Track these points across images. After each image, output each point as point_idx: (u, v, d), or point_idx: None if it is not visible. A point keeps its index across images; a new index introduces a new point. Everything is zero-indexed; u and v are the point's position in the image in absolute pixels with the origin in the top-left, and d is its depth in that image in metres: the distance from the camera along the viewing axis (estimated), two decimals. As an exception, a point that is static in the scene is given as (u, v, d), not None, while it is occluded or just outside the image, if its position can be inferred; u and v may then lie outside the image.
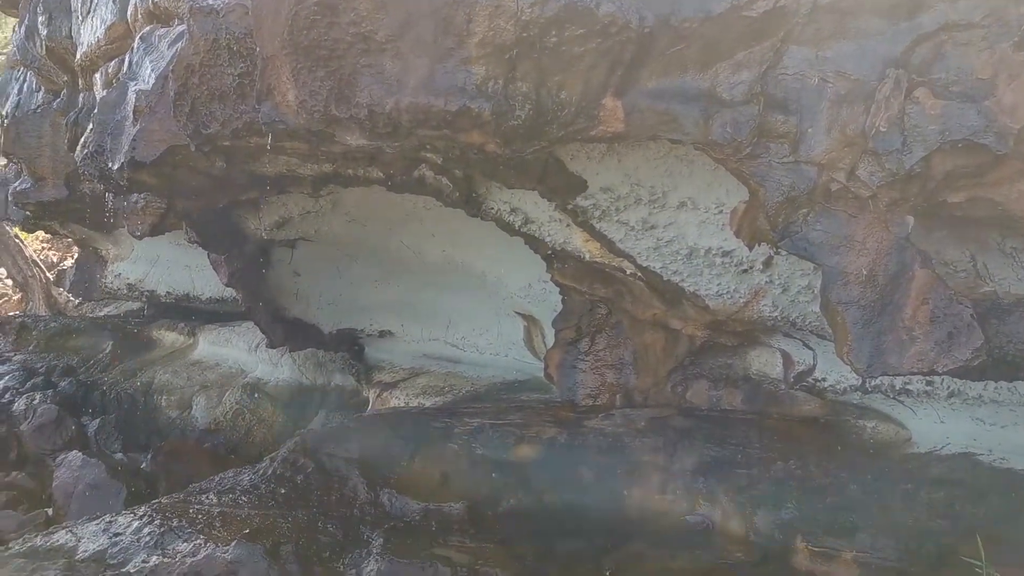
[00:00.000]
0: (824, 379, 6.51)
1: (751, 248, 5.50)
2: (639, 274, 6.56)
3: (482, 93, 4.80)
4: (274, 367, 11.36)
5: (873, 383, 6.21)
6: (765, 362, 6.88)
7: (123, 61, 7.63)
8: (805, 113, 4.65)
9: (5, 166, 14.96)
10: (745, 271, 6.06)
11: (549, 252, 6.98)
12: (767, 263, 5.92)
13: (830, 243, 4.77)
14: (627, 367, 7.18)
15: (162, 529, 5.54)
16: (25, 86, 12.36)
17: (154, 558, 5.23)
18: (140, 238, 9.19)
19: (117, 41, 8.33)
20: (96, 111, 7.22)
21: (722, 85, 4.76)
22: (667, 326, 6.90)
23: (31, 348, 13.91)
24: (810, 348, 6.55)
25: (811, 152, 4.65)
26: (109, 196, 8.84)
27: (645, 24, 4.60)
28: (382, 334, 10.33)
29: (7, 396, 11.83)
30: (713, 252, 6.05)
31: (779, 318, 6.25)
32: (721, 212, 5.76)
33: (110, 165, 6.77)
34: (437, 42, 4.79)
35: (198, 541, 5.31)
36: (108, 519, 5.90)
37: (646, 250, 6.34)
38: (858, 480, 5.82)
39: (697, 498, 6.02)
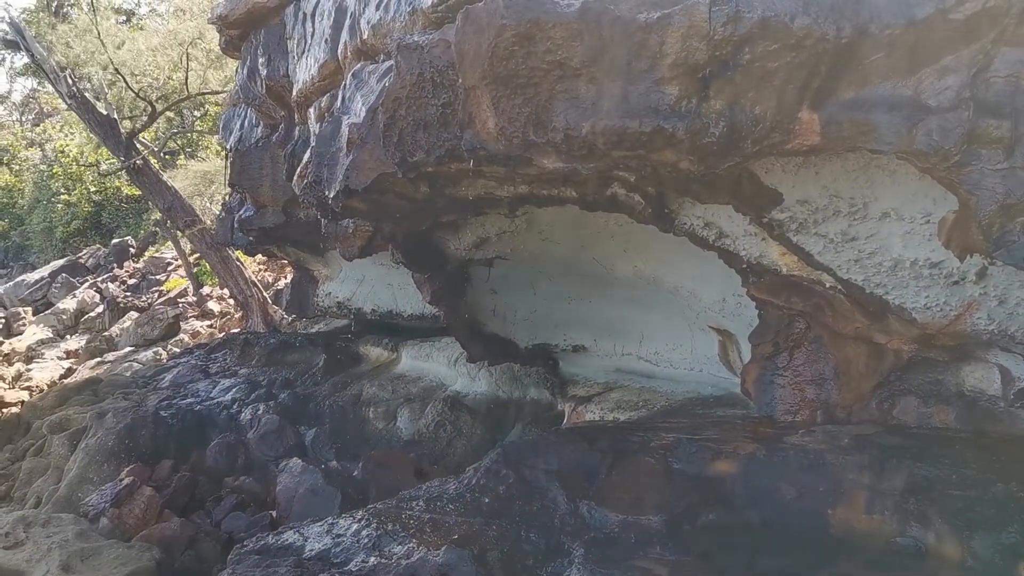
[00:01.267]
0: (1048, 396, 6.09)
1: (962, 259, 5.25)
2: (839, 287, 6.39)
3: (676, 113, 4.87)
4: (472, 381, 11.81)
5: (1105, 401, 5.75)
6: (981, 378, 6.50)
7: (335, 96, 8.23)
8: (1020, 116, 4.41)
9: (229, 195, 16.35)
10: (956, 283, 5.78)
11: (744, 266, 6.93)
12: (981, 274, 5.62)
13: (1052, 253, 4.50)
14: (828, 382, 6.99)
15: (378, 532, 5.94)
16: (246, 122, 13.50)
17: (372, 558, 5.62)
18: (350, 260, 9.85)
19: (329, 77, 8.98)
20: (313, 144, 7.82)
21: (927, 92, 4.60)
22: (870, 340, 6.67)
23: (254, 363, 15.13)
24: (1032, 363, 6.15)
25: (1028, 157, 4.41)
26: (323, 221, 9.51)
27: (842, 34, 4.53)
28: (575, 349, 10.53)
29: (235, 407, 12.92)
30: (920, 264, 5.80)
31: (996, 332, 5.90)
32: (928, 222, 5.53)
33: (327, 193, 7.33)
34: (631, 65, 4.91)
35: (411, 544, 5.66)
36: (330, 521, 6.38)
37: (847, 263, 6.17)
38: (1089, 505, 5.41)
39: (908, 519, 5.77)
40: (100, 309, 25.49)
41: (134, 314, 23.66)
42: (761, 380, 7.36)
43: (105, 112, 21.22)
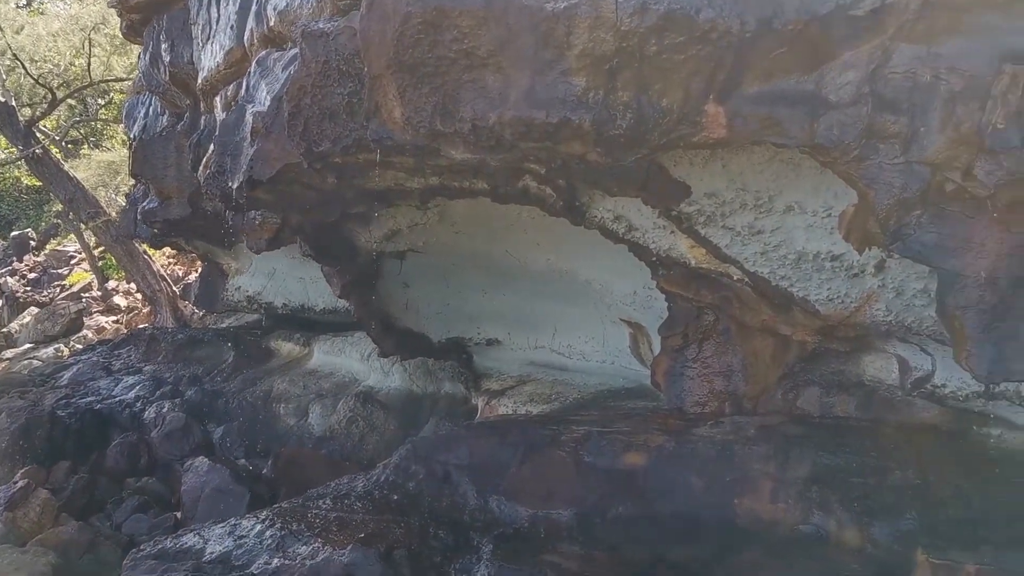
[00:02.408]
0: (944, 385, 6.27)
1: (861, 252, 5.36)
2: (746, 280, 6.47)
3: (583, 104, 4.84)
4: (385, 376, 11.65)
5: (997, 389, 5.93)
6: (880, 368, 6.68)
7: (241, 84, 7.98)
8: (917, 112, 4.50)
9: (133, 186, 15.80)
10: (856, 275, 5.91)
11: (654, 259, 6.96)
12: (879, 267, 5.75)
13: (946, 245, 4.61)
14: (736, 374, 7.08)
15: (283, 532, 5.78)
16: (151, 110, 13.04)
17: (276, 560, 5.46)
18: (258, 252, 9.59)
19: (235, 65, 8.71)
20: (217, 133, 7.57)
21: (828, 87, 4.66)
22: (776, 332, 6.79)
23: (160, 359, 14.66)
24: (928, 353, 6.32)
25: (924, 152, 4.50)
26: (228, 213, 9.24)
27: (746, 28, 4.56)
28: (489, 342, 10.47)
29: (138, 405, 12.49)
30: (822, 256, 5.92)
31: (894, 323, 6.06)
32: (830, 216, 5.63)
33: (230, 184, 7.10)
34: (538, 55, 4.86)
35: (316, 544, 5.52)
36: (233, 522, 6.19)
37: (753, 255, 6.25)
38: (982, 491, 5.59)
39: (811, 507, 5.89)
40: (-2, 304, 24.40)
41: (34, 309, 22.69)
42: (671, 372, 7.42)
43: (2, 99, 20.25)
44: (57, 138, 26.74)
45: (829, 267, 5.97)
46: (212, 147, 7.67)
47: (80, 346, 19.02)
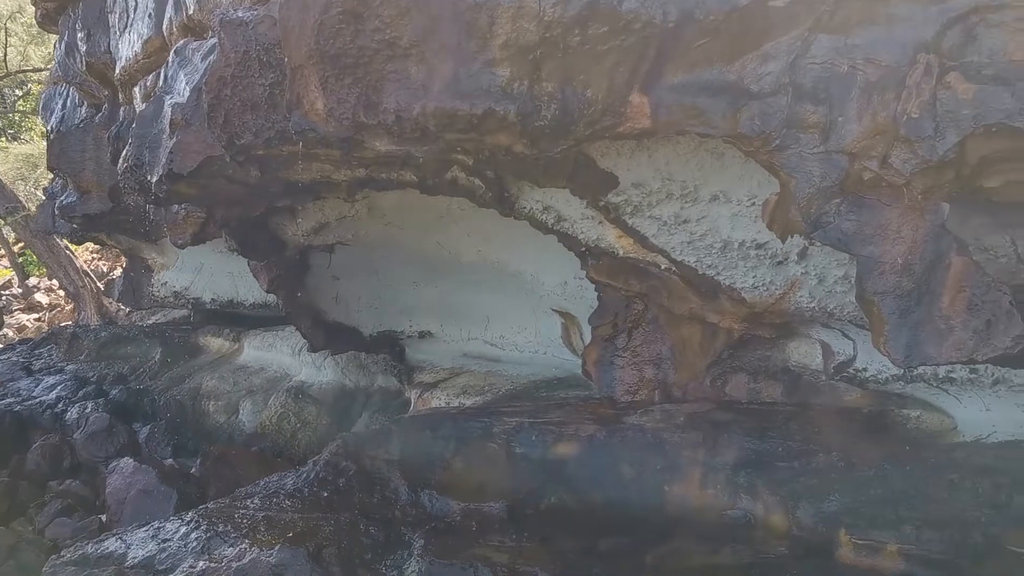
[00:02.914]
0: (865, 369, 6.42)
1: (784, 240, 5.44)
2: (674, 269, 6.53)
3: (507, 95, 4.81)
4: (318, 370, 11.50)
5: (916, 372, 6.10)
6: (805, 353, 6.81)
7: (160, 75, 7.77)
8: (835, 102, 4.57)
9: (52, 180, 15.31)
10: (780, 263, 6.00)
11: (583, 249, 6.98)
12: (802, 254, 5.86)
13: (864, 233, 4.69)
14: (665, 362, 7.15)
15: (208, 534, 5.65)
16: (68, 101, 12.64)
17: (201, 563, 5.33)
18: (182, 247, 9.38)
19: (154, 55, 8.48)
20: (134, 125, 7.36)
21: (749, 77, 4.70)
22: (704, 320, 6.86)
23: (83, 358, 14.26)
24: (850, 338, 6.47)
25: (842, 141, 4.57)
26: (150, 208, 9.01)
27: (669, 19, 4.57)
28: (422, 335, 10.41)
29: (60, 406, 12.13)
30: (747, 245, 6.00)
31: (816, 309, 6.18)
32: (754, 204, 5.71)
33: (149, 178, 6.91)
34: (461, 46, 4.81)
35: (243, 545, 5.40)
36: (156, 525, 6.03)
37: (680, 244, 6.30)
38: (902, 471, 5.73)
39: (738, 492, 5.97)
40: (-89, 304, 23.45)
41: (-50, 309, 21.89)
42: (601, 361, 7.46)
43: (-89, 89, 19.44)
44: (-28, 130, 25.78)
45: (754, 255, 6.06)
46: (130, 140, 7.44)
47: (0, 346, 18.41)
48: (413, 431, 6.88)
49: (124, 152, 8.31)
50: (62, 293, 21.07)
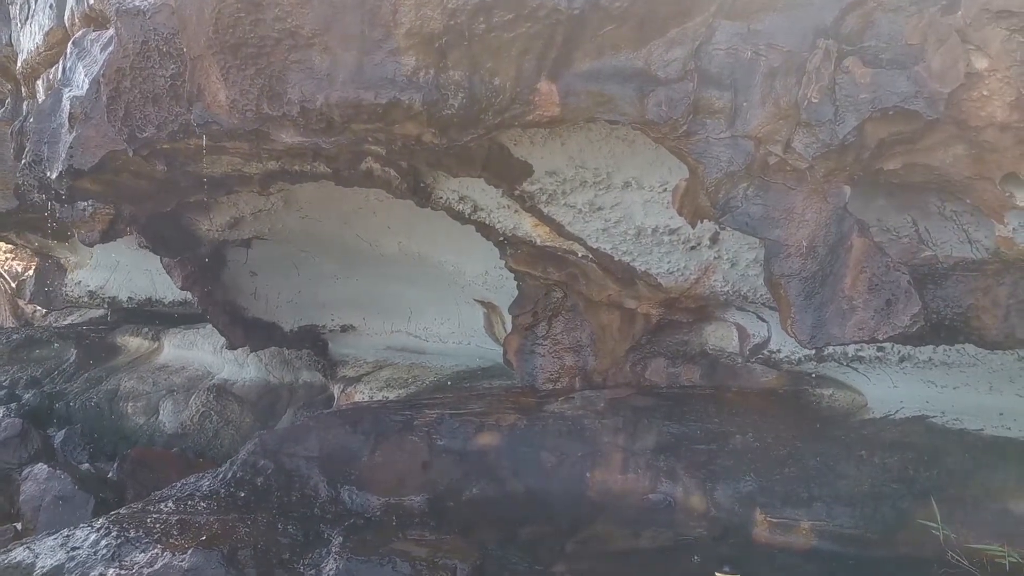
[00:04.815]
0: (779, 351, 6.54)
1: (695, 225, 5.48)
2: (591, 256, 6.54)
3: (412, 84, 4.73)
4: (240, 367, 11.30)
5: (827, 352, 6.23)
6: (721, 337, 6.91)
7: (59, 67, 7.48)
8: (739, 87, 4.61)
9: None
10: (693, 248, 6.06)
11: (501, 239, 6.94)
12: (714, 239, 5.93)
13: (770, 216, 4.75)
14: (585, 349, 7.18)
15: (119, 541, 5.48)
16: (-30, 96, 12.12)
17: (111, 570, 5.17)
18: (91, 245, 9.08)
19: (57, 47, 8.14)
20: (31, 119, 7.08)
21: (656, 63, 4.71)
22: (622, 306, 6.90)
23: (-7, 362, 13.76)
24: (764, 320, 6.57)
25: (747, 126, 4.62)
26: (55, 205, 8.70)
27: (574, 6, 4.54)
28: (344, 329, 10.27)
29: (-31, 413, 11.68)
30: (660, 231, 6.04)
31: (731, 292, 6.27)
32: (665, 191, 5.74)
33: (49, 174, 6.64)
34: (364, 34, 4.72)
35: (155, 551, 5.26)
36: (66, 533, 5.83)
37: (595, 232, 6.32)
38: (815, 449, 5.87)
39: (659, 476, 6.04)
40: None
41: None
42: (522, 350, 7.45)
43: None
44: None
45: (667, 241, 6.10)
46: (29, 135, 7.16)
47: (-94, 352, 17.66)
48: (332, 427, 6.78)
49: (25, 148, 8.01)
50: (-27, 295, 20.31)
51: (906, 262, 4.56)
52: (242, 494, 6.24)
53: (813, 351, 6.19)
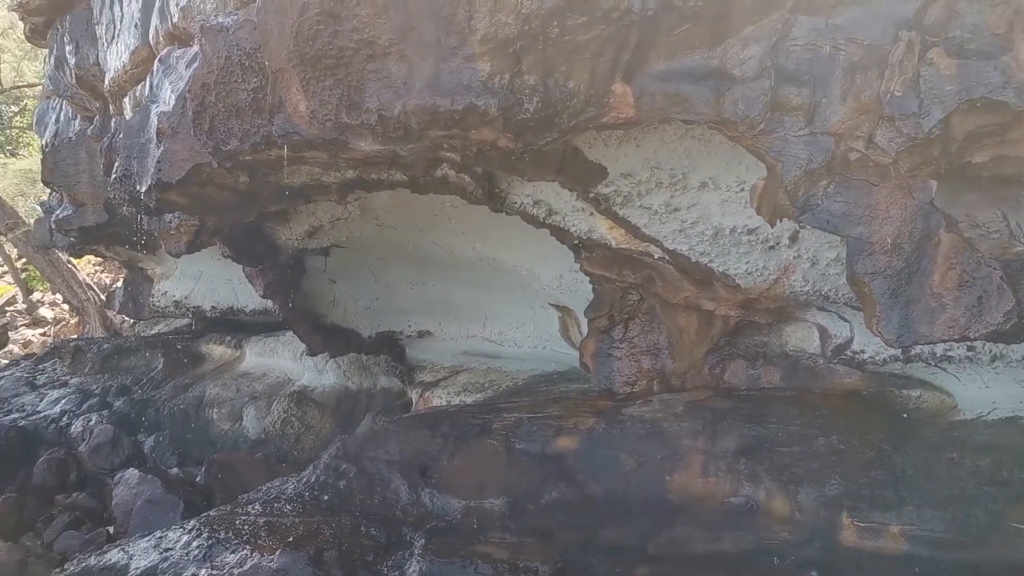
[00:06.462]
0: (863, 351, 6.39)
1: (774, 225, 5.40)
2: (667, 258, 6.50)
3: (488, 89, 4.78)
4: (319, 374, 11.51)
5: (914, 352, 6.06)
6: (802, 337, 6.79)
7: (146, 84, 7.76)
8: (818, 83, 4.54)
9: (49, 195, 15.34)
10: (772, 247, 5.98)
11: (576, 242, 6.96)
12: (793, 238, 5.83)
13: (853, 214, 4.65)
14: (662, 352, 7.13)
15: (210, 542, 5.64)
16: (61, 115, 12.64)
17: (203, 571, 5.33)
18: (177, 256, 9.37)
19: (142, 65, 8.45)
20: (121, 135, 7.35)
21: (732, 62, 4.67)
22: (700, 308, 6.83)
23: (86, 370, 14.27)
24: (846, 320, 6.43)
25: (827, 123, 4.54)
26: (143, 218, 9.00)
27: (648, 6, 4.53)
28: (421, 334, 10.40)
29: (64, 419, 12.15)
30: (738, 231, 5.97)
31: (811, 292, 6.16)
32: (743, 190, 5.68)
33: (138, 188, 6.90)
34: (440, 42, 4.78)
35: (244, 552, 5.40)
36: (159, 535, 6.03)
37: (671, 233, 6.28)
38: (903, 452, 5.72)
39: (740, 479, 5.96)
40: (-84, 324, 23.52)
41: (-45, 327, 21.95)
42: (599, 354, 7.44)
43: (-93, 110, 19.51)
44: (-31, 148, 25.85)
45: (746, 241, 6.03)
46: (119, 150, 7.44)
47: (5, 361, 18.45)
48: (412, 431, 6.87)
49: (115, 163, 8.32)
50: (66, 307, 21.12)
51: (997, 257, 4.40)
52: (326, 497, 6.37)
53: (900, 351, 6.04)
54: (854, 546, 5.36)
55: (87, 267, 21.81)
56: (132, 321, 17.83)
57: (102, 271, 23.25)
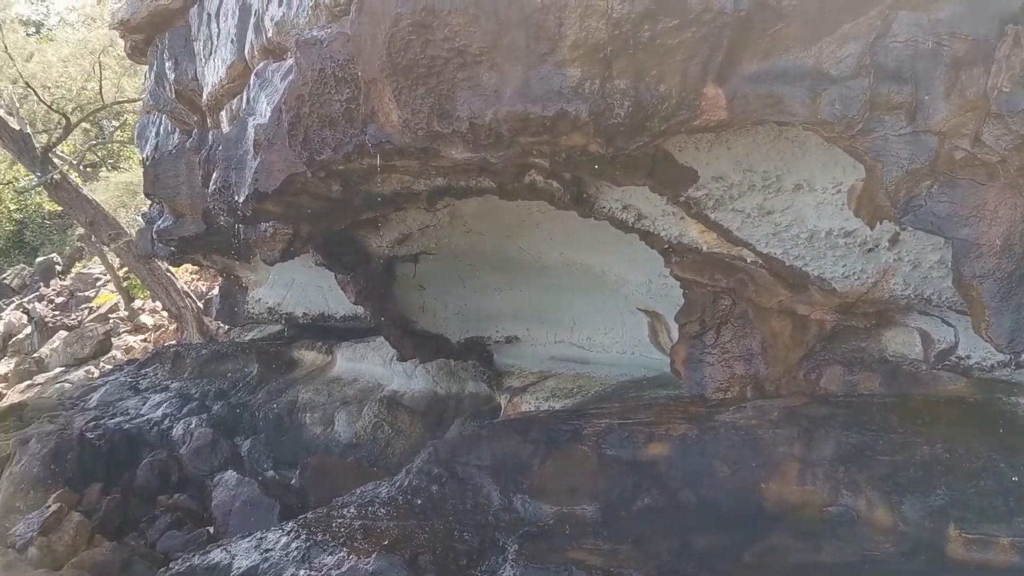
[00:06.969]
0: (968, 356, 6.16)
1: (873, 227, 5.25)
2: (760, 261, 6.38)
3: (578, 95, 4.77)
4: (409, 379, 11.66)
5: (1023, 357, 5.81)
6: (902, 343, 6.57)
7: (243, 98, 7.99)
8: (920, 80, 4.39)
9: (150, 206, 15.93)
10: (871, 250, 5.81)
11: (666, 246, 6.89)
12: (893, 240, 5.65)
13: (958, 214, 4.49)
14: (756, 357, 6.99)
15: (308, 543, 5.78)
16: (161, 129, 13.10)
17: (302, 572, 5.46)
18: (272, 264, 9.62)
19: (238, 79, 8.70)
20: (220, 147, 7.58)
21: (828, 60, 4.56)
22: (794, 312, 6.69)
23: (185, 375, 14.78)
24: (950, 325, 6.21)
25: (930, 121, 4.39)
26: (239, 227, 9.27)
27: (740, 7, 4.46)
28: (509, 340, 10.44)
29: (166, 422, 12.59)
30: (835, 233, 5.82)
31: (912, 296, 5.96)
32: (839, 192, 5.53)
33: (236, 198, 7.10)
34: (530, 49, 4.80)
35: (341, 554, 5.51)
36: (259, 536, 6.20)
37: (765, 236, 6.16)
38: (1012, 461, 5.47)
39: (839, 488, 5.80)
40: (28, 330, 24.69)
41: (63, 333, 22.96)
42: (690, 359, 7.34)
43: (18, 127, 20.48)
44: (74, 162, 27.06)
45: (843, 243, 5.88)
46: (217, 162, 7.68)
47: (109, 367, 19.23)
48: (503, 436, 6.90)
49: (213, 175, 8.60)
50: (165, 314, 21.88)
51: (1116, 258, 4.20)
52: (419, 501, 6.44)
53: (1010, 356, 5.80)
54: (961, 559, 5.16)
55: (184, 275, 22.55)
56: (227, 327, 18.39)
57: (198, 279, 24.02)
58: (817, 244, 5.98)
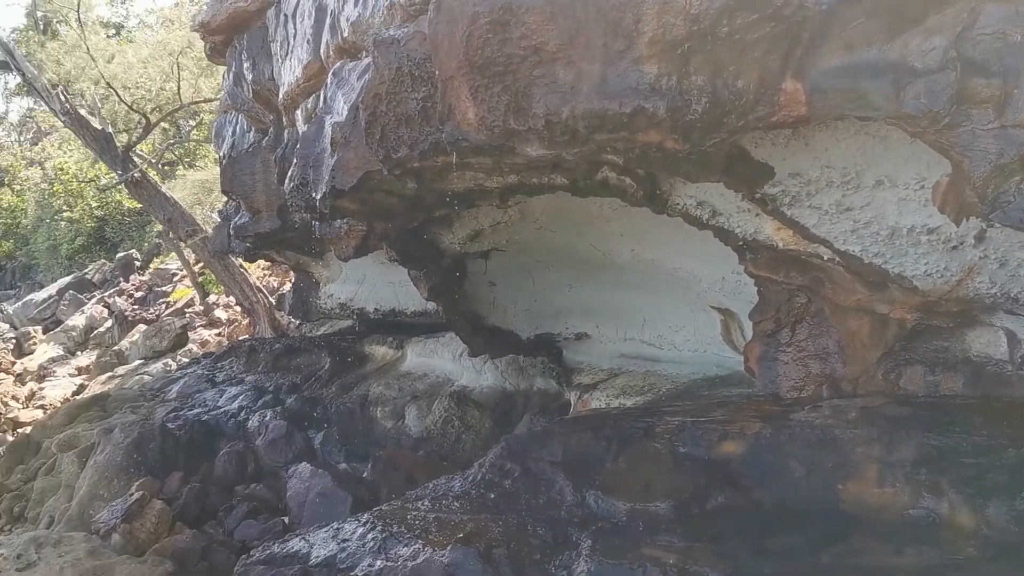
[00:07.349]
0: (1058, 357, 5.97)
1: (959, 223, 5.13)
2: (837, 259, 6.28)
3: (656, 91, 4.77)
4: (478, 374, 11.74)
5: (1116, 358, 5.62)
6: (987, 343, 6.39)
7: (319, 97, 8.15)
8: (1010, 73, 4.27)
9: (226, 203, 16.33)
10: (955, 247, 5.66)
11: (740, 243, 6.82)
12: (979, 237, 5.50)
13: (1050, 211, 4.37)
14: (832, 356, 6.87)
15: (384, 535, 5.88)
16: (237, 128, 13.45)
17: (379, 562, 5.55)
18: (346, 260, 9.79)
19: (313, 78, 8.90)
20: (298, 146, 7.74)
21: (913, 54, 4.47)
22: (873, 311, 6.56)
23: (260, 368, 15.12)
24: (1038, 325, 6.03)
25: (1019, 114, 4.27)
26: (315, 224, 9.45)
27: (822, 2, 4.41)
28: (578, 336, 10.44)
29: (242, 414, 12.90)
30: (917, 230, 5.69)
31: (999, 295, 5.79)
32: (922, 188, 5.41)
33: (314, 195, 7.26)
34: (607, 46, 4.81)
35: (417, 546, 5.59)
36: (336, 526, 6.32)
37: (843, 233, 6.05)
38: (1104, 466, 5.30)
39: (920, 490, 5.67)
40: (109, 324, 25.56)
41: (142, 327, 23.70)
42: (764, 357, 7.25)
43: (100, 127, 21.19)
44: (153, 161, 27.87)
45: (925, 241, 5.74)
46: (295, 160, 7.85)
47: (186, 360, 19.77)
48: (575, 433, 6.91)
49: (290, 172, 8.79)
50: (239, 309, 22.41)
51: None
52: (492, 495, 6.50)
53: (1101, 357, 5.62)
54: (1050, 565, 5.02)
55: (256, 271, 23.04)
56: (299, 322, 18.75)
57: (270, 275, 24.52)
58: (898, 241, 5.86)
